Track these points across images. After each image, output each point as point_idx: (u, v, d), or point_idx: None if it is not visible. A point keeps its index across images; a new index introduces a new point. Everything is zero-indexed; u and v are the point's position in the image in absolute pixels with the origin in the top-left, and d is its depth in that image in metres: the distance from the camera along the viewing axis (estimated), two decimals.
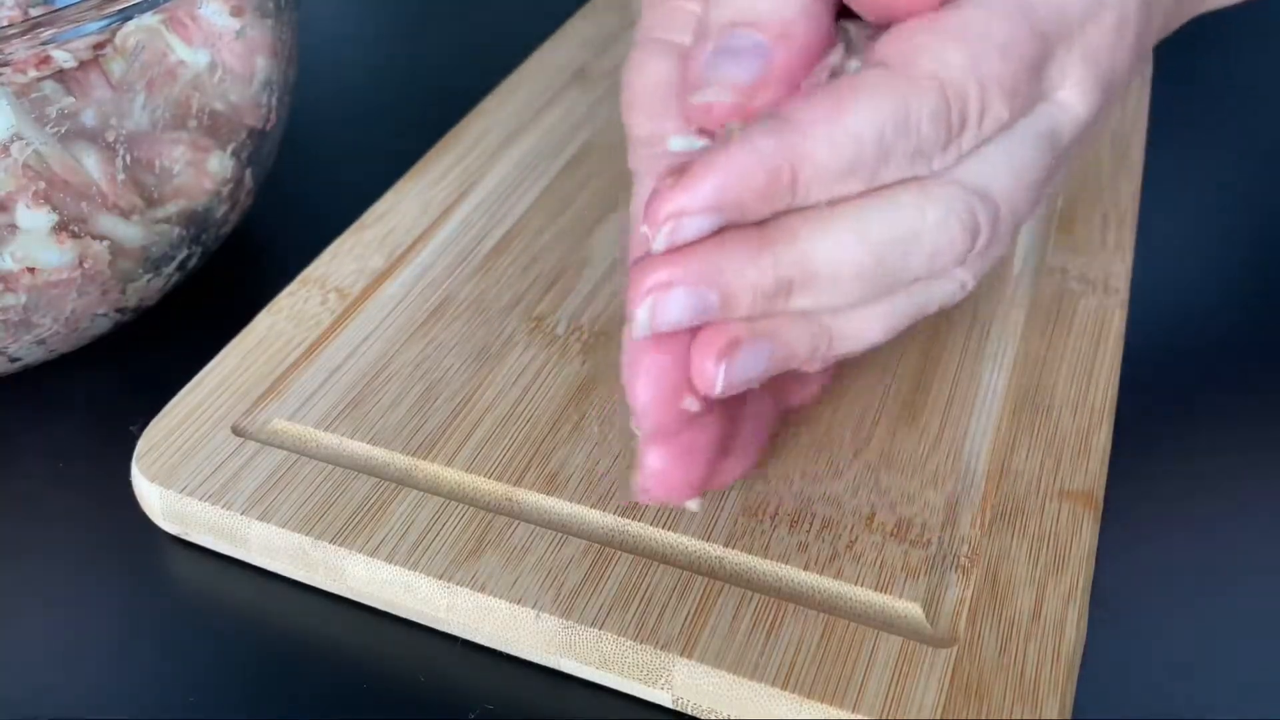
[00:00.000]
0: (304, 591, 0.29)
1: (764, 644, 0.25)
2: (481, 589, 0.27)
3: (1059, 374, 0.32)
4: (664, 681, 0.26)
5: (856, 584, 0.27)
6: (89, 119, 0.31)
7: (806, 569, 0.27)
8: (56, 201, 0.31)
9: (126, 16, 0.29)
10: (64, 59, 0.29)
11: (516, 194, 0.40)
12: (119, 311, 0.34)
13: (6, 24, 0.31)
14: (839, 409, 0.31)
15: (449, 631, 0.28)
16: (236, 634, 0.28)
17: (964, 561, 0.27)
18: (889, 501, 0.29)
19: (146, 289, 0.35)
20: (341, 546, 0.28)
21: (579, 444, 0.30)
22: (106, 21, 0.29)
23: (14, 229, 0.30)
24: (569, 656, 0.26)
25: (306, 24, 0.46)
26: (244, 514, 0.28)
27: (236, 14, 0.33)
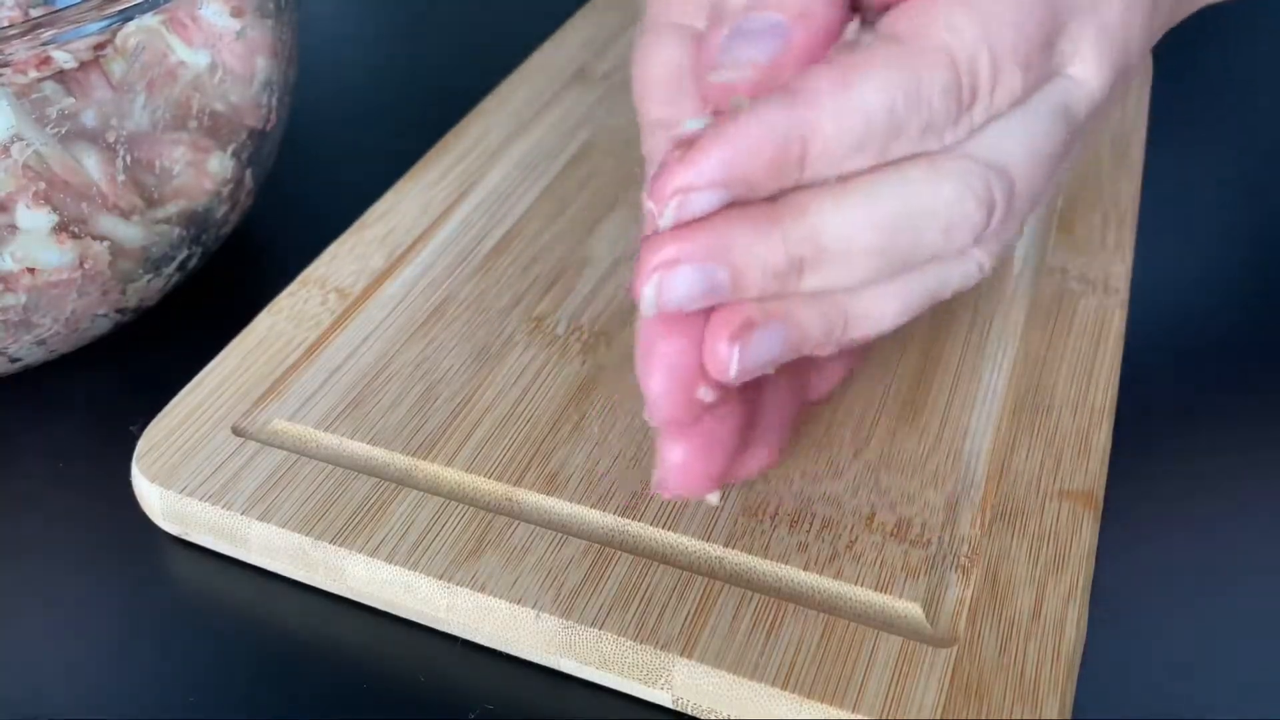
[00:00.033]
0: (304, 591, 0.29)
1: (764, 644, 0.25)
2: (481, 589, 0.27)
3: (1059, 374, 0.32)
4: (664, 681, 0.26)
5: (856, 584, 0.27)
6: (89, 119, 0.31)
7: (806, 569, 0.27)
8: (57, 202, 0.31)
9: (127, 17, 0.29)
10: (64, 59, 0.29)
11: (516, 194, 0.40)
12: (119, 312, 0.34)
13: (7, 24, 0.31)
14: (839, 409, 0.31)
15: (449, 631, 0.28)
16: (236, 634, 0.28)
17: (964, 561, 0.27)
18: (889, 501, 0.29)
19: (146, 289, 0.35)
20: (341, 546, 0.28)
21: (579, 444, 0.30)
22: (107, 22, 0.29)
23: (14, 229, 0.30)
24: (569, 656, 0.26)
25: (306, 24, 0.46)
26: (244, 514, 0.28)
27: (237, 14, 0.33)
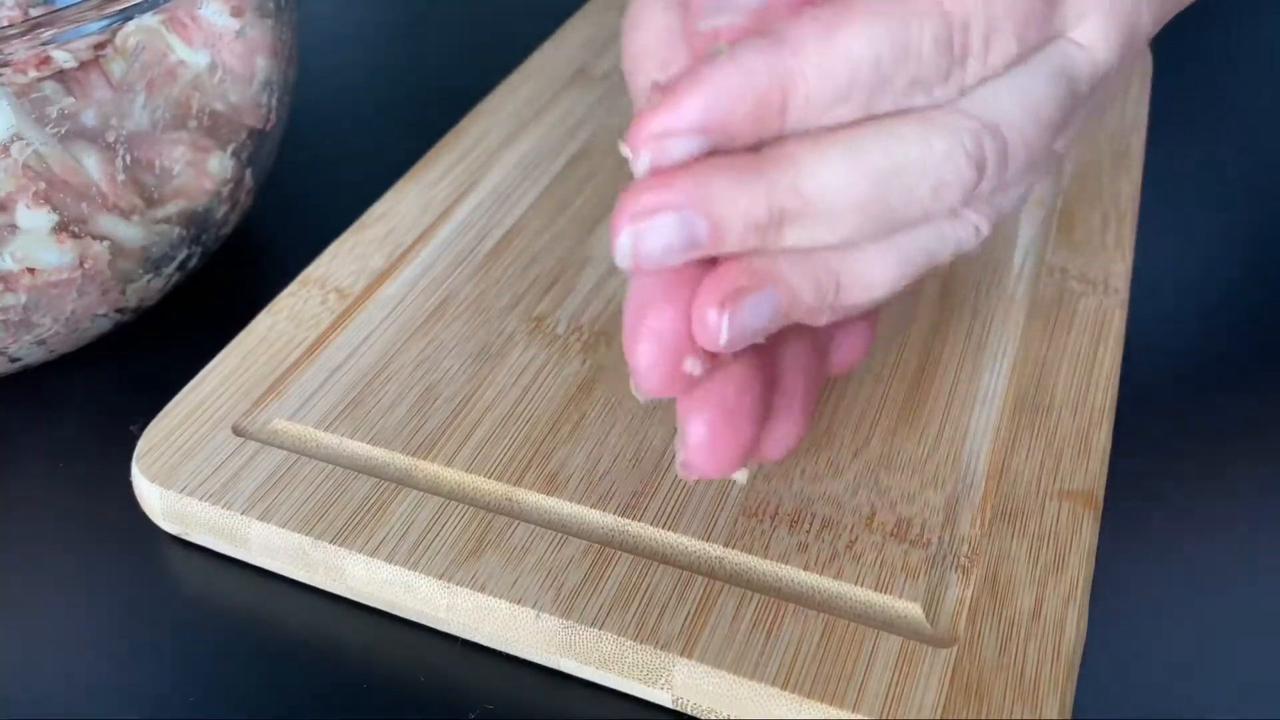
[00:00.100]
0: (304, 591, 0.29)
1: (764, 644, 0.25)
2: (481, 589, 0.27)
3: (1059, 374, 0.32)
4: (664, 681, 0.26)
5: (856, 584, 0.27)
6: (89, 119, 0.31)
7: (806, 569, 0.27)
8: (56, 202, 0.31)
9: (127, 17, 0.29)
10: (64, 59, 0.29)
11: (516, 194, 0.40)
12: (119, 311, 0.34)
13: (6, 24, 0.31)
14: (839, 409, 0.31)
15: (449, 631, 0.28)
16: (236, 634, 0.28)
17: (964, 561, 0.27)
18: (889, 501, 0.29)
19: (146, 289, 0.35)
20: (341, 546, 0.28)
21: (579, 444, 0.30)
22: (107, 22, 0.29)
23: (14, 229, 0.30)
24: (569, 656, 0.26)
25: (306, 24, 0.46)
26: (244, 514, 0.28)
27: (236, 14, 0.33)
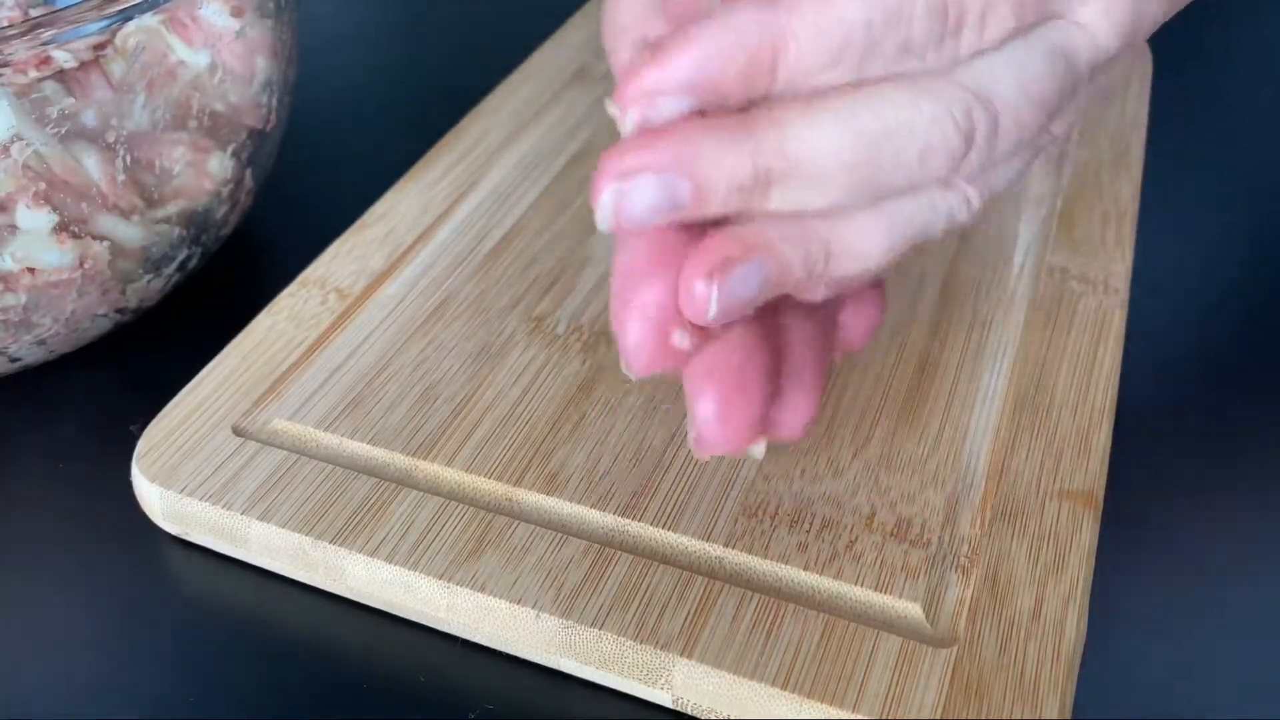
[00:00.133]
0: (304, 591, 0.29)
1: (764, 644, 0.25)
2: (481, 589, 0.27)
3: (1059, 374, 0.32)
4: (664, 681, 0.26)
5: (856, 584, 0.27)
6: (89, 119, 0.31)
7: (806, 569, 0.27)
8: (57, 202, 0.31)
9: (127, 17, 0.29)
10: (64, 59, 0.29)
11: (516, 194, 0.40)
12: (119, 312, 0.34)
13: (6, 24, 0.31)
14: (839, 409, 0.31)
15: (449, 631, 0.28)
16: (236, 634, 0.28)
17: (964, 561, 0.27)
18: (889, 501, 0.29)
19: (146, 289, 0.35)
20: (341, 546, 0.28)
21: (579, 444, 0.30)
22: (107, 22, 0.29)
23: (14, 229, 0.30)
24: (569, 656, 0.26)
25: (306, 24, 0.46)
26: (244, 514, 0.28)
27: (236, 14, 0.33)
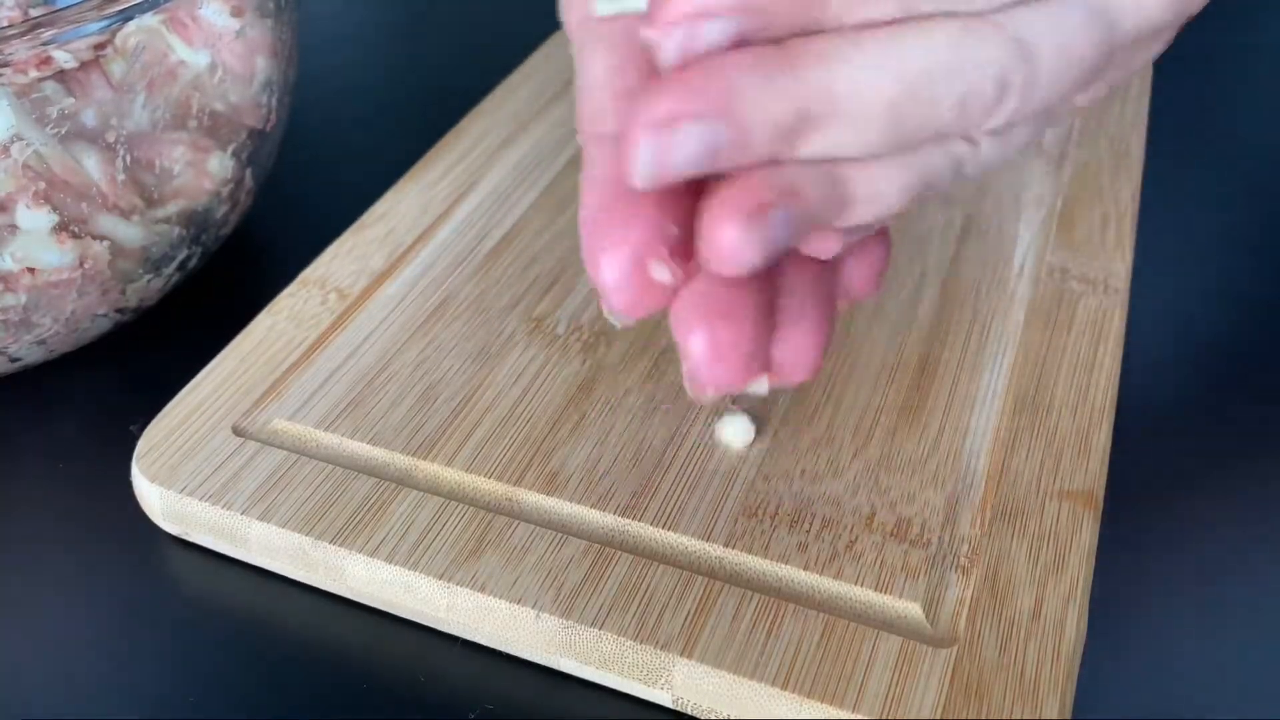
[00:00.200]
0: (304, 591, 0.29)
1: (764, 644, 0.25)
2: (481, 589, 0.27)
3: (1059, 374, 0.32)
4: (664, 681, 0.26)
5: (856, 584, 0.27)
6: (89, 119, 0.31)
7: (806, 569, 0.27)
8: (57, 202, 0.31)
9: (127, 17, 0.29)
10: (64, 59, 0.29)
11: (516, 194, 0.40)
12: (119, 311, 0.34)
13: (7, 24, 0.31)
14: (839, 409, 0.31)
15: (449, 631, 0.28)
16: (236, 634, 0.28)
17: (964, 561, 0.27)
18: (889, 501, 0.29)
19: (146, 289, 0.35)
20: (341, 546, 0.28)
21: (579, 444, 0.30)
22: (107, 22, 0.29)
23: (14, 229, 0.30)
24: (569, 656, 0.26)
25: (306, 24, 0.46)
26: (244, 514, 0.28)
27: (236, 14, 0.33)
